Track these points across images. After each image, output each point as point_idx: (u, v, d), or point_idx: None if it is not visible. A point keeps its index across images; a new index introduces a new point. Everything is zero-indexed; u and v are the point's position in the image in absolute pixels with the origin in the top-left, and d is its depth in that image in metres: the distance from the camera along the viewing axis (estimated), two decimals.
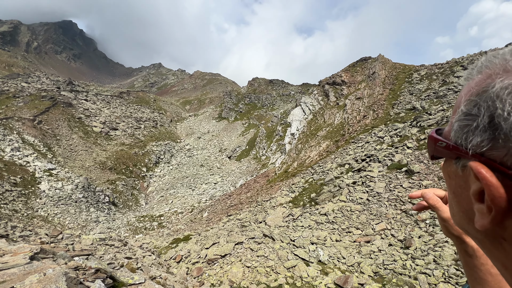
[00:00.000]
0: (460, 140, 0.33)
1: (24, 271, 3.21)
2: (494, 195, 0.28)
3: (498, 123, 0.27)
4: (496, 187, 0.28)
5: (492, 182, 0.28)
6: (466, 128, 0.32)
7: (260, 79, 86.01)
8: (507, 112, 0.26)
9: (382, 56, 37.16)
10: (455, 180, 0.36)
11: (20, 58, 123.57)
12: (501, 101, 0.27)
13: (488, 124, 0.29)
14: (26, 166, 29.58)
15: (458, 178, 0.35)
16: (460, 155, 0.33)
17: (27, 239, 9.97)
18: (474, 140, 0.30)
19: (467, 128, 0.32)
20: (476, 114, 0.30)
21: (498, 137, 0.28)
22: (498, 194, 0.28)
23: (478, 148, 0.30)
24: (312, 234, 11.71)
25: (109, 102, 61.34)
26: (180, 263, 11.68)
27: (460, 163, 0.34)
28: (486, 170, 0.29)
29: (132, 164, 42.19)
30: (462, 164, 0.34)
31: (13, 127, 35.19)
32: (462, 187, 0.35)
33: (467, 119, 0.32)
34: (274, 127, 48.55)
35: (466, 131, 0.32)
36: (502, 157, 0.28)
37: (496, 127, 0.28)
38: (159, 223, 27.08)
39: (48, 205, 25.57)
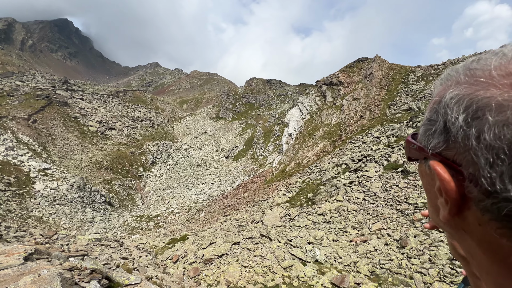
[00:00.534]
0: (424, 142, 0.39)
1: (18, 272, 3.17)
2: (446, 188, 0.33)
3: (449, 127, 0.33)
4: (448, 181, 0.33)
5: (444, 177, 0.33)
6: (428, 132, 0.38)
7: (258, 79, 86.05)
8: (454, 118, 0.32)
9: (379, 57, 37.41)
10: (425, 178, 0.41)
11: (14, 56, 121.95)
12: (450, 109, 0.33)
13: (443, 129, 0.34)
14: (21, 165, 29.22)
15: (427, 176, 0.40)
16: (426, 156, 0.39)
17: (22, 240, 9.85)
18: (433, 142, 0.36)
19: (428, 132, 0.37)
20: (435, 120, 0.36)
21: (449, 139, 0.33)
22: (449, 187, 0.33)
23: (436, 149, 0.36)
24: (309, 234, 11.75)
25: (106, 102, 60.85)
26: (176, 263, 11.64)
27: (427, 163, 0.39)
28: (440, 166, 0.34)
29: (128, 164, 41.91)
30: (428, 164, 0.39)
31: (7, 126, 34.74)
32: (430, 184, 0.39)
33: (429, 124, 0.37)
34: (271, 127, 48.61)
35: (428, 134, 0.38)
36: (453, 155, 0.33)
37: (448, 131, 0.33)
38: (156, 223, 26.95)
39: (43, 205, 25.29)
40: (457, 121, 0.32)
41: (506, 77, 0.29)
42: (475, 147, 0.29)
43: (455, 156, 0.33)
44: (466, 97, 0.31)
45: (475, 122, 0.29)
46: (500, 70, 0.30)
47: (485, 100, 0.29)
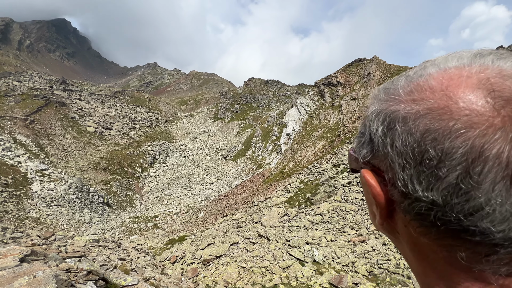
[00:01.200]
0: (357, 153, 0.42)
1: (13, 273, 3.15)
2: (374, 193, 0.37)
3: (373, 138, 0.37)
4: (374, 186, 0.36)
5: (371, 182, 0.37)
6: (359, 143, 0.42)
7: (256, 79, 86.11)
8: (375, 129, 0.36)
9: (376, 58, 37.54)
10: (364, 188, 0.43)
11: (12, 56, 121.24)
12: (372, 122, 0.37)
13: (369, 140, 0.38)
14: (18, 166, 29.03)
15: (366, 185, 0.42)
16: (360, 166, 0.42)
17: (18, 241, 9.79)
18: (362, 152, 0.40)
19: (359, 143, 0.42)
20: (363, 132, 0.41)
21: (374, 148, 0.37)
22: (376, 191, 0.36)
23: (365, 158, 0.39)
24: (307, 234, 11.76)
25: (104, 102, 60.65)
26: (175, 264, 11.60)
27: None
28: (368, 173, 0.38)
29: (126, 165, 41.76)
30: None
31: (4, 126, 34.53)
32: (367, 192, 0.42)
33: (360, 137, 0.42)
34: (270, 128, 48.63)
35: (359, 145, 0.42)
36: (378, 163, 0.37)
37: (372, 141, 0.38)
38: (154, 224, 26.87)
39: (40, 206, 25.14)
40: (377, 132, 0.36)
41: (408, 94, 0.34)
42: (391, 154, 0.33)
43: (379, 164, 0.37)
44: (382, 112, 0.36)
45: (389, 132, 0.34)
46: (404, 88, 0.35)
47: (395, 113, 0.34)
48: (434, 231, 0.31)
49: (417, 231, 0.33)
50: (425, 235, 0.32)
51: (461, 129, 0.26)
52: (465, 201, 0.27)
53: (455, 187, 0.27)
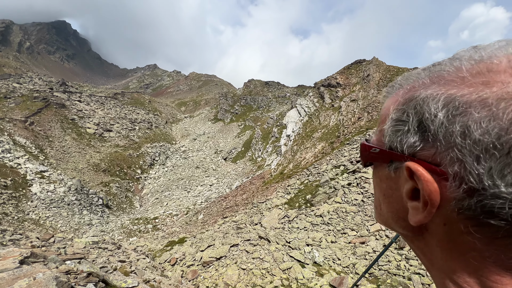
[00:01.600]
0: (395, 144, 0.37)
1: (13, 275, 3.13)
2: (430, 190, 0.32)
3: (427, 125, 0.32)
4: (431, 182, 0.31)
5: (429, 178, 0.32)
6: (398, 133, 0.37)
7: (256, 80, 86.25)
8: (433, 115, 0.31)
9: (376, 59, 37.65)
10: (386, 182, 0.40)
11: (11, 58, 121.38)
12: (427, 107, 0.32)
13: (417, 127, 0.34)
14: (17, 168, 28.99)
15: (390, 180, 0.39)
16: (394, 158, 0.37)
17: (18, 243, 9.76)
18: (408, 142, 0.35)
19: (399, 132, 0.36)
20: (405, 120, 0.36)
21: (428, 137, 0.32)
22: (433, 188, 0.31)
23: (412, 149, 0.34)
24: (307, 236, 11.73)
25: (103, 103, 60.67)
26: (174, 266, 11.56)
27: (393, 165, 0.38)
28: (421, 167, 0.33)
29: (126, 166, 41.72)
30: (395, 167, 0.38)
31: (4, 128, 34.50)
32: (393, 188, 0.39)
33: (399, 125, 0.37)
34: (269, 129, 48.64)
35: (400, 134, 0.36)
36: (431, 155, 0.32)
37: (424, 129, 0.33)
38: (154, 225, 26.80)
39: (40, 208, 25.07)
40: (436, 118, 0.31)
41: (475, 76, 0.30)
42: (460, 144, 0.29)
43: (435, 156, 0.32)
44: (441, 95, 0.32)
45: (458, 118, 0.29)
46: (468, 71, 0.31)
47: (464, 97, 0.29)
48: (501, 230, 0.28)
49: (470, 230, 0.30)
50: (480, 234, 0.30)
51: None
52: None
53: None
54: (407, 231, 0.39)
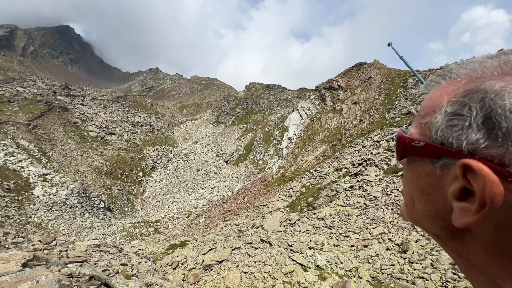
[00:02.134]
0: (450, 139, 0.33)
1: (16, 278, 3.14)
2: (495, 192, 0.28)
3: (497, 121, 0.28)
4: (497, 184, 0.28)
5: (494, 179, 0.28)
6: (456, 127, 0.32)
7: (257, 83, 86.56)
8: (508, 111, 0.27)
9: (377, 62, 37.70)
10: (426, 179, 0.37)
11: (16, 62, 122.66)
12: (501, 99, 0.28)
13: (483, 123, 0.29)
14: (20, 171, 29.13)
15: (432, 177, 0.36)
16: (446, 154, 0.34)
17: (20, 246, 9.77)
18: (468, 138, 0.31)
19: (457, 127, 0.32)
20: (466, 114, 0.31)
21: (496, 135, 0.28)
22: (498, 191, 0.28)
23: (473, 146, 0.30)
24: (309, 239, 11.66)
25: (106, 107, 61.06)
26: (176, 269, 11.51)
27: (440, 162, 0.35)
28: (486, 167, 0.29)
29: (128, 169, 41.81)
30: (443, 163, 0.34)
31: (7, 131, 34.77)
32: (434, 186, 0.36)
33: (457, 119, 0.32)
34: (271, 132, 48.67)
35: (458, 129, 0.32)
36: (498, 155, 0.28)
37: (493, 126, 0.28)
38: (155, 228, 26.75)
39: (42, 211, 25.13)
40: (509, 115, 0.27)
41: None
42: None
43: (503, 156, 0.28)
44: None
45: None
46: None
47: None
48: None
49: None
50: None
51: None
52: None
53: None
54: (443, 232, 0.37)
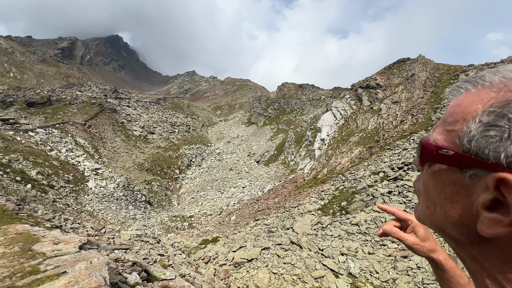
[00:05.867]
0: (486, 151, 0.32)
1: (74, 258, 3.63)
2: None
3: None
4: None
5: None
6: (492, 139, 0.31)
7: (290, 83, 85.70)
8: None
9: (422, 57, 34.58)
10: (452, 187, 0.37)
11: (75, 69, 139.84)
12: None
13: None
14: (77, 165, 33.13)
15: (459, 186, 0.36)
16: (478, 165, 0.33)
17: (76, 231, 11.14)
18: (508, 151, 0.30)
19: (494, 139, 0.31)
20: (504, 126, 0.30)
21: None
22: None
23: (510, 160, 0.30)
24: (342, 245, 11.19)
25: (148, 108, 66.20)
26: (208, 264, 11.99)
27: (471, 172, 0.34)
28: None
29: (166, 166, 44.77)
30: (473, 174, 0.34)
31: (68, 130, 39.82)
32: (461, 194, 0.36)
33: (492, 130, 0.31)
34: (303, 132, 47.79)
35: (495, 141, 0.31)
36: None
37: None
38: (190, 223, 28.17)
39: (94, 201, 28.23)
40: None
41: None
42: None
43: None
44: None
45: None
46: None
47: None
48: None
49: None
50: None
51: None
52: None
53: None
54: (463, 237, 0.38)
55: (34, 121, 42.32)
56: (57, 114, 46.25)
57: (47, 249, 4.16)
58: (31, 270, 3.33)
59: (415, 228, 0.67)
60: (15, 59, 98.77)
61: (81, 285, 2.70)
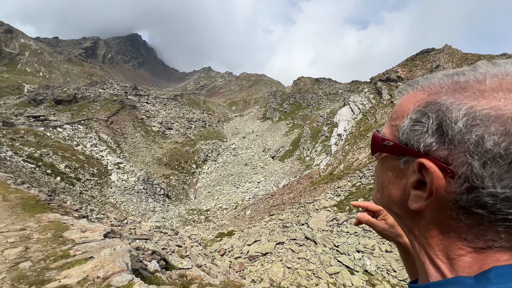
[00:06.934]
0: (412, 141, 0.42)
1: (100, 245, 3.91)
2: (439, 185, 0.38)
3: (445, 129, 0.37)
4: (441, 178, 0.37)
5: (439, 174, 0.38)
6: (416, 132, 0.41)
7: (306, 78, 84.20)
8: (453, 122, 0.36)
9: (449, 47, 32.55)
10: (393, 172, 0.47)
11: (98, 68, 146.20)
12: (449, 113, 0.37)
13: (436, 130, 0.38)
14: (101, 159, 34.93)
15: (397, 170, 0.46)
16: (408, 153, 0.43)
17: (101, 221, 11.84)
18: (424, 142, 0.40)
19: (417, 132, 0.41)
20: (425, 122, 0.40)
21: (444, 140, 0.37)
22: (441, 183, 0.38)
23: (427, 148, 0.39)
24: (358, 242, 11.01)
25: (166, 104, 67.99)
26: (223, 256, 12.30)
27: (404, 159, 0.44)
28: (433, 165, 0.38)
29: (183, 161, 46.01)
30: (406, 160, 0.43)
31: (92, 126, 41.96)
32: (399, 177, 0.46)
33: (417, 125, 0.41)
34: (319, 128, 47.01)
35: (418, 134, 0.41)
36: (444, 156, 0.37)
37: (442, 133, 0.38)
38: (206, 217, 28.90)
39: (116, 194, 29.72)
40: (456, 125, 0.36)
41: (500, 90, 0.35)
42: (471, 150, 0.34)
43: (447, 157, 0.37)
44: (463, 105, 0.36)
45: (475, 129, 0.34)
46: (487, 84, 0.36)
47: (483, 111, 0.34)
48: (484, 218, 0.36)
49: (458, 217, 0.38)
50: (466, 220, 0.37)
51: None
52: None
53: None
54: (402, 212, 0.47)
55: (62, 117, 45.02)
56: (82, 111, 48.84)
57: (75, 236, 4.50)
58: (62, 255, 3.64)
59: (384, 216, 0.77)
60: (44, 60, 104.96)
61: (106, 269, 2.91)
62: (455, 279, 0.38)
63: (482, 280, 0.35)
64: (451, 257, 0.40)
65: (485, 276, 0.35)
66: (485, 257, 0.37)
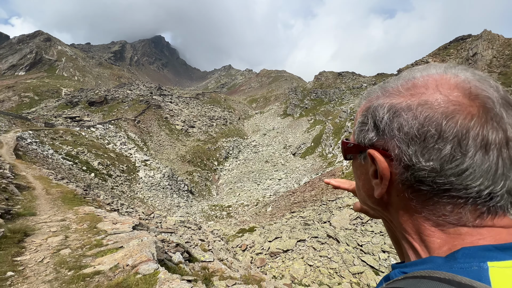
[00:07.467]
0: (361, 139, 0.52)
1: (129, 236, 4.18)
2: (382, 167, 0.46)
3: (378, 125, 0.48)
4: (383, 161, 0.46)
5: (380, 158, 0.46)
6: (362, 131, 0.52)
7: (328, 72, 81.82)
8: (381, 117, 0.47)
9: (488, 32, 29.68)
10: (360, 169, 0.55)
11: (125, 70, 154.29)
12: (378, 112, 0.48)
13: (373, 126, 0.49)
14: (130, 157, 37.01)
15: (362, 167, 0.54)
16: (361, 150, 0.53)
17: (130, 215, 12.61)
18: (367, 137, 0.50)
19: (362, 131, 0.52)
20: (366, 122, 0.51)
21: (379, 133, 0.48)
22: (384, 166, 0.46)
23: (370, 141, 0.49)
24: (383, 242, 10.58)
25: (188, 103, 70.05)
26: (245, 251, 12.49)
27: (362, 155, 0.53)
28: (376, 152, 0.48)
29: (206, 158, 47.22)
30: (364, 156, 0.53)
31: (121, 126, 44.53)
32: (364, 173, 0.54)
33: (362, 126, 0.52)
34: (342, 123, 45.56)
35: (363, 132, 0.51)
36: (382, 144, 0.47)
37: (377, 128, 0.48)
38: (228, 213, 29.47)
39: (144, 189, 31.35)
40: (383, 119, 0.47)
41: (407, 90, 0.46)
42: (397, 135, 0.44)
43: (384, 145, 0.47)
44: (386, 104, 0.47)
45: (395, 119, 0.45)
46: (403, 86, 0.48)
47: (399, 104, 0.45)
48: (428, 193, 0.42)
49: (410, 196, 0.45)
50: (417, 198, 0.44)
51: (452, 114, 0.40)
52: (456, 166, 0.40)
53: (449, 156, 0.40)
54: (377, 206, 0.53)
55: (94, 118, 48.34)
56: (112, 111, 52.01)
57: (107, 227, 4.85)
58: (96, 244, 3.95)
59: None
60: (78, 64, 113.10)
61: (134, 258, 3.12)
62: (428, 259, 0.43)
63: (451, 260, 0.40)
64: (423, 238, 0.46)
65: (453, 256, 0.40)
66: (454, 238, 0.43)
